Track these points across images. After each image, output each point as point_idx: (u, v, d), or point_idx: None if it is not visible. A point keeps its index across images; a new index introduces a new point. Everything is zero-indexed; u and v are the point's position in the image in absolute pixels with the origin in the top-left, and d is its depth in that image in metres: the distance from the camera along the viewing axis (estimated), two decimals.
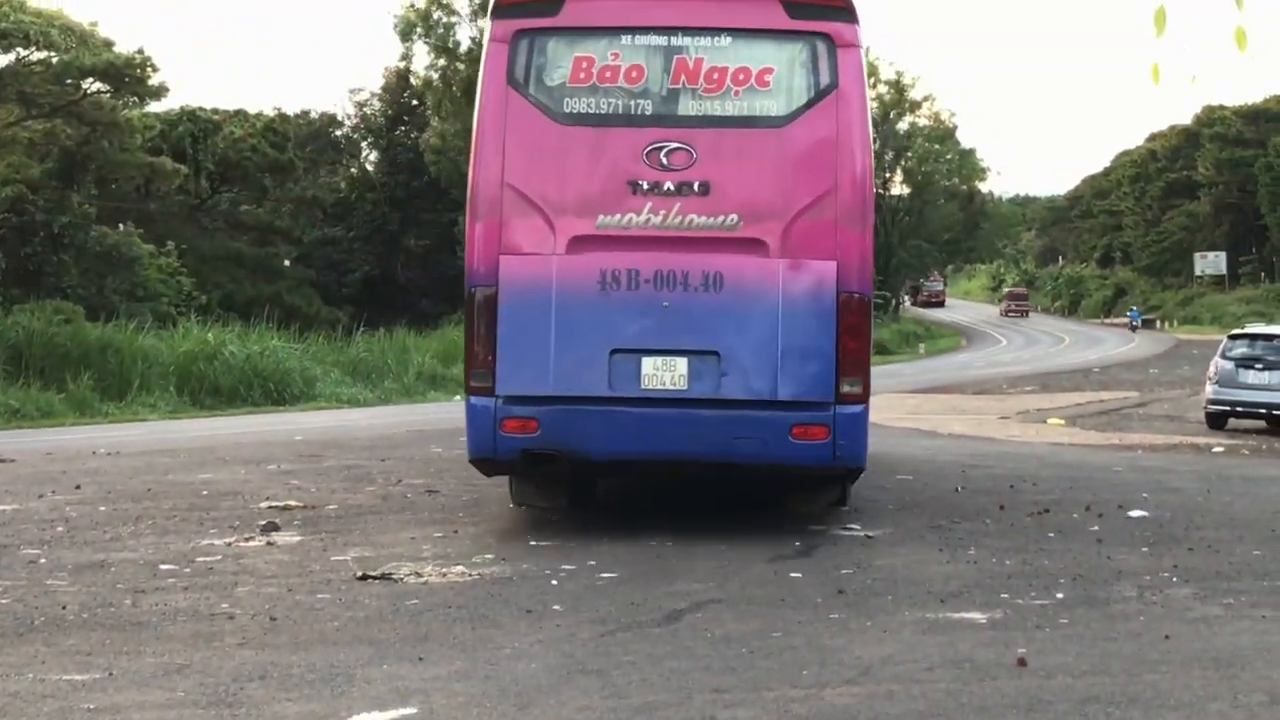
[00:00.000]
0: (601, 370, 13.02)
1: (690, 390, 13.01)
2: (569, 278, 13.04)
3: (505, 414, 13.10)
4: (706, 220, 13.01)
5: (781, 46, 13.27)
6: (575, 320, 13.00)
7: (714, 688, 8.03)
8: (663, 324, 12.98)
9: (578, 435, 13.05)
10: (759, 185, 13.08)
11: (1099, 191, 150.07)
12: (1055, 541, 13.32)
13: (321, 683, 8.17)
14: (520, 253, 13.10)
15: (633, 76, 13.22)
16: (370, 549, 12.78)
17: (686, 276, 13.00)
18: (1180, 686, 8.08)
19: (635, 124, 13.17)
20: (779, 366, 12.97)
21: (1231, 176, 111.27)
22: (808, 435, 12.92)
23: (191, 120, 60.84)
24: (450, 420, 29.36)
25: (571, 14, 13.31)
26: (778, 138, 13.15)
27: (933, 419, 30.54)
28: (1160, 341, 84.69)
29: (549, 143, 13.25)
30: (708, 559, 12.23)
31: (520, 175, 13.19)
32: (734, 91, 13.19)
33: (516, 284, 13.05)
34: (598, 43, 13.26)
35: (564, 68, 13.27)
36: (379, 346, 45.75)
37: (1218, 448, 24.44)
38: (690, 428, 12.98)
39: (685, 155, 13.05)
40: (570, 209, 13.11)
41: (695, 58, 13.18)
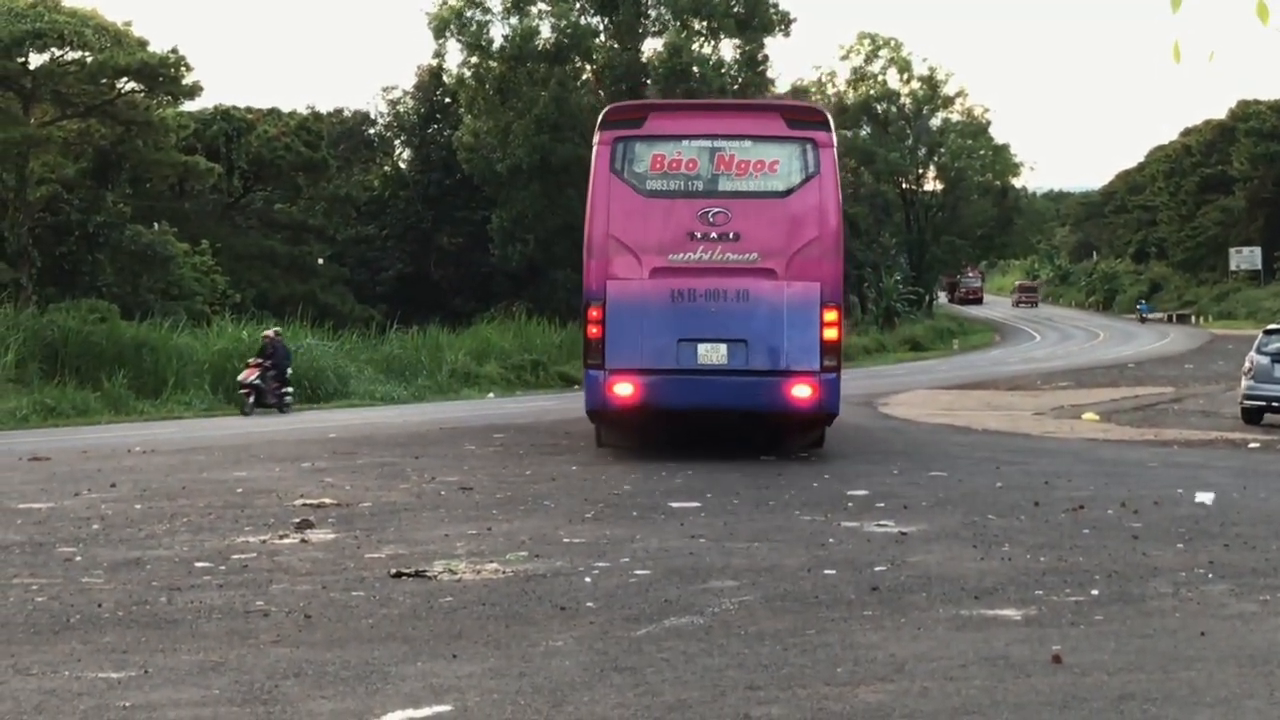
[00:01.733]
0: (672, 352, 20.28)
1: (729, 364, 20.28)
2: (651, 293, 20.23)
3: (614, 375, 20.23)
4: (737, 257, 20.27)
5: (784, 147, 20.56)
6: (655, 320, 20.22)
7: (747, 685, 8.02)
8: (711, 323, 20.22)
9: (659, 393, 20.28)
10: (771, 235, 20.27)
11: (1133, 186, 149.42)
12: (1090, 538, 13.27)
13: (356, 680, 8.18)
14: (620, 278, 20.31)
15: (690, 166, 20.52)
16: (404, 546, 12.80)
17: (725, 292, 20.23)
18: (1216, 683, 8.04)
19: (692, 196, 20.41)
20: (784, 349, 20.24)
21: (1267, 171, 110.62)
22: (802, 393, 20.28)
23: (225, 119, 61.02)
24: (483, 418, 29.40)
25: (650, 127, 20.66)
26: (782, 204, 20.40)
27: (967, 415, 30.46)
28: (1195, 337, 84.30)
29: (637, 208, 20.39)
30: (741, 556, 12.22)
31: (619, 229, 20.37)
32: (754, 175, 20.52)
33: (618, 297, 20.28)
34: (667, 145, 20.54)
35: (645, 161, 20.51)
36: (412, 344, 45.80)
37: (1254, 443, 24.30)
38: (729, 388, 20.24)
39: (724, 216, 20.31)
40: (651, 250, 20.32)
41: (729, 154, 20.53)
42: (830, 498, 16.28)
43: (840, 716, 7.43)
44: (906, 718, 7.41)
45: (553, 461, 20.47)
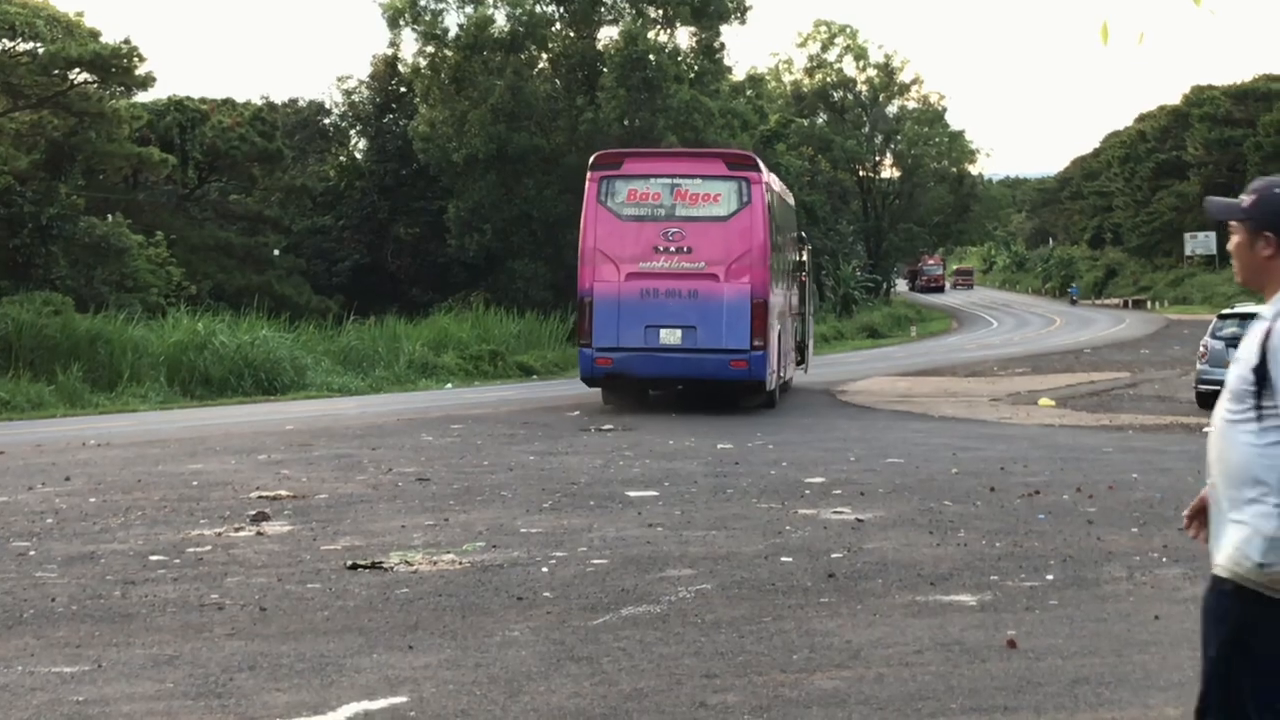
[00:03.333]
0: (641, 335, 26.43)
1: (683, 344, 26.37)
2: (626, 292, 26.43)
3: (597, 355, 26.63)
4: (690, 265, 26.42)
5: (725, 184, 26.78)
6: (628, 312, 26.35)
7: (704, 673, 8.04)
8: (670, 313, 26.38)
9: (631, 365, 26.62)
10: (714, 249, 26.40)
11: (1089, 173, 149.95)
12: (1045, 523, 13.34)
13: (311, 672, 8.16)
14: (603, 280, 26.60)
15: (655, 197, 26.75)
16: (360, 538, 12.78)
17: (680, 291, 26.38)
18: (1170, 667, 8.09)
19: (656, 220, 26.63)
20: (724, 332, 26.21)
21: (1221, 156, 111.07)
22: (738, 365, 26.31)
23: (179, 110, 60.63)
24: (441, 408, 29.34)
25: (626, 168, 27.07)
26: (723, 226, 26.53)
27: (924, 401, 30.53)
28: (1151, 322, 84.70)
29: (616, 229, 26.69)
30: (698, 545, 12.24)
31: (603, 244, 26.65)
32: (702, 204, 26.68)
33: (602, 294, 26.56)
34: (638, 182, 26.87)
35: (623, 193, 26.82)
36: (369, 335, 45.60)
37: (1208, 428, 24.37)
38: (683, 361, 26.52)
39: (680, 235, 26.43)
40: (626, 259, 26.52)
41: (684, 189, 26.72)
42: (787, 485, 16.31)
43: (796, 703, 7.45)
44: (862, 704, 7.43)
45: (510, 452, 20.45)
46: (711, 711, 7.33)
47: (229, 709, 7.47)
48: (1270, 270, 4.94)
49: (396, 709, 7.44)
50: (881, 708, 7.36)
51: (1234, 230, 4.96)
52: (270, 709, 7.46)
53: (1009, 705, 7.39)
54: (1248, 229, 4.92)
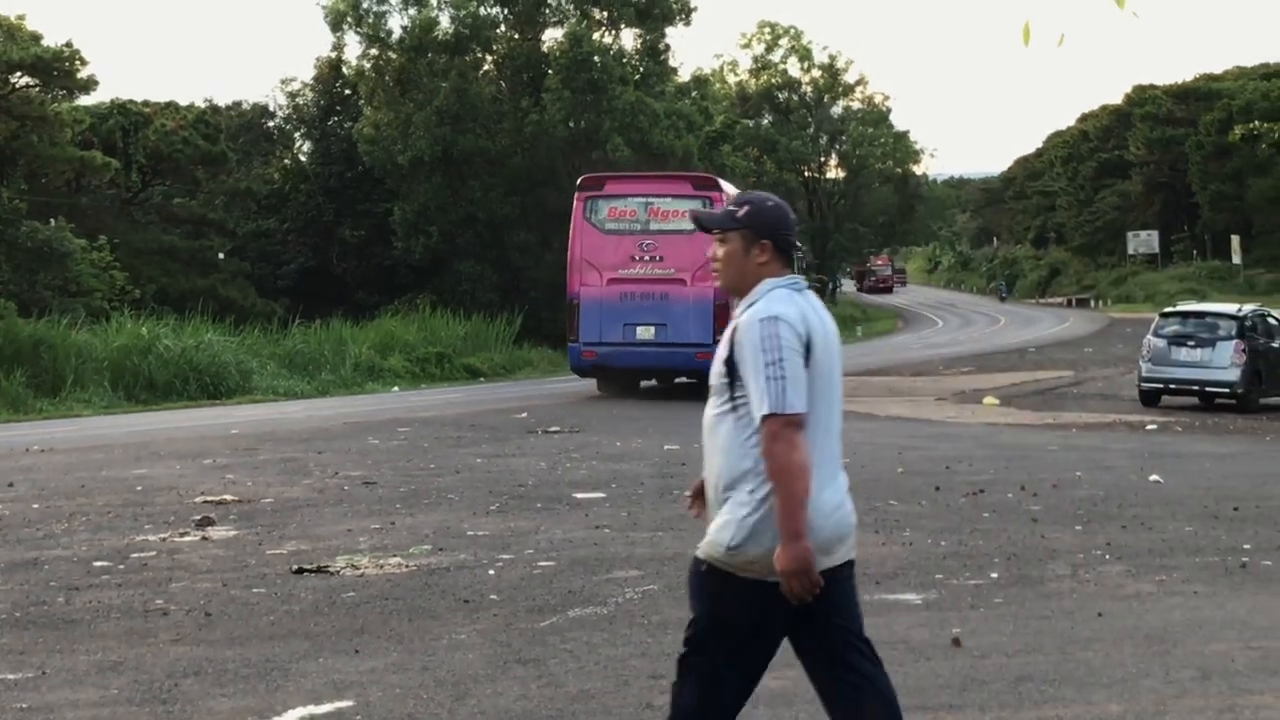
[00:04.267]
0: (620, 331, 30.05)
1: (655, 339, 30.04)
2: (607, 295, 30.00)
3: (584, 349, 30.32)
4: (661, 272, 29.93)
5: (691, 201, 29.41)
6: (609, 312, 29.97)
7: (650, 674, 8.05)
8: (644, 313, 30.01)
9: (612, 358, 30.30)
10: (683, 257, 29.33)
11: (1032, 172, 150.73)
12: (990, 521, 13.41)
13: (256, 677, 8.14)
14: (588, 285, 30.14)
15: (632, 214, 30.34)
16: (306, 542, 12.73)
17: (653, 294, 29.94)
18: (1113, 663, 8.15)
19: (633, 233, 30.13)
20: (690, 329, 29.59)
21: (1163, 155, 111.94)
22: (703, 356, 26.46)
23: (122, 113, 60.29)
24: (388, 411, 29.27)
25: (608, 189, 30.82)
26: (689, 239, 28.32)
27: (870, 401, 30.63)
28: (1094, 320, 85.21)
29: (599, 241, 30.19)
30: (645, 546, 12.25)
31: (588, 254, 30.20)
32: (671, 220, 29.75)
33: (587, 297, 30.11)
34: (617, 201, 30.50)
35: (604, 211, 30.40)
36: (315, 338, 45.41)
37: (1151, 425, 24.62)
38: (656, 354, 30.21)
39: (653, 246, 29.97)
40: (607, 267, 29.98)
41: (657, 206, 30.19)
42: None
43: None
44: (809, 703, 7.43)
45: (457, 454, 20.42)
46: (658, 713, 7.33)
47: (174, 715, 7.44)
48: (760, 274, 5.52)
49: (342, 713, 7.43)
50: None
51: (725, 239, 5.54)
52: (215, 714, 7.43)
53: (954, 703, 7.43)
54: (744, 237, 5.50)
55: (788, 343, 5.32)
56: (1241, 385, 27.73)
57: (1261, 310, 30.61)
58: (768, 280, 5.51)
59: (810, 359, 5.39)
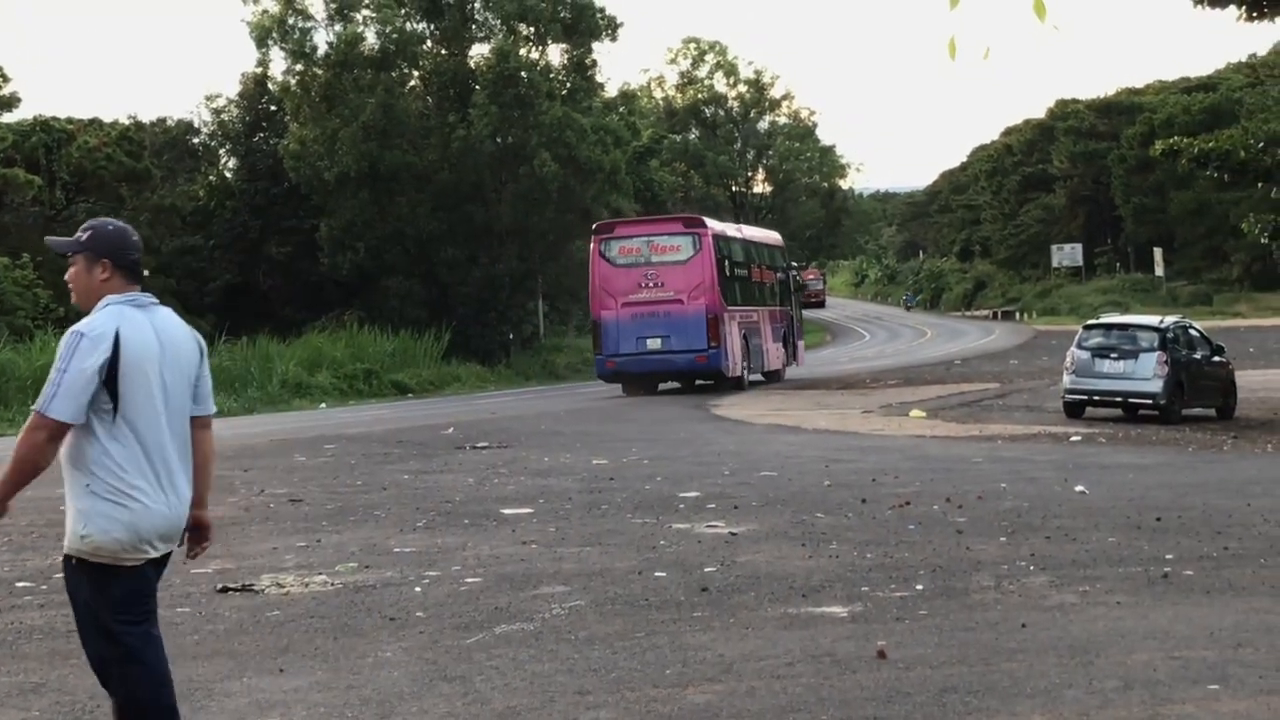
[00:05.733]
0: (633, 344, 37.59)
1: (662, 348, 37.54)
2: (622, 316, 37.62)
3: (607, 359, 38.09)
4: (664, 295, 37.46)
5: (683, 238, 38.07)
6: (624, 329, 37.61)
7: (577, 690, 8.05)
8: (652, 328, 37.53)
9: (628, 366, 38.07)
10: (679, 282, 37.46)
11: (957, 186, 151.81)
12: (916, 533, 13.47)
13: (180, 698, 8.01)
14: (607, 309, 37.87)
15: (637, 251, 38.10)
16: (231, 560, 12.66)
17: (658, 314, 37.48)
18: (1036, 674, 8.20)
19: (639, 266, 37.83)
20: (689, 339, 37.31)
21: (1086, 169, 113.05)
22: (700, 359, 37.53)
23: (44, 130, 59.77)
24: (315, 428, 29.14)
25: (617, 232, 39.05)
26: (684, 267, 37.56)
27: (797, 414, 30.72)
28: (1019, 333, 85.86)
29: (612, 273, 37.95)
30: (572, 561, 12.25)
31: (605, 284, 38.03)
32: (669, 253, 37.82)
33: (606, 319, 37.95)
34: (625, 241, 38.41)
35: (615, 249, 38.14)
36: (241, 355, 45.25)
37: (1075, 437, 24.78)
38: (664, 360, 37.92)
39: (656, 275, 37.62)
40: (620, 294, 37.65)
41: (657, 243, 38.10)
42: (661, 500, 16.37)
43: (668, 718, 7.48)
44: (734, 717, 7.47)
45: (385, 471, 20.36)
46: None
47: None
48: (102, 291, 6.11)
49: None
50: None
51: (73, 261, 6.18)
52: None
53: (879, 715, 7.46)
54: (87, 258, 6.17)
55: (80, 355, 5.87)
56: (1164, 396, 27.95)
57: (1183, 322, 30.90)
58: (108, 296, 6.10)
59: (118, 372, 5.92)
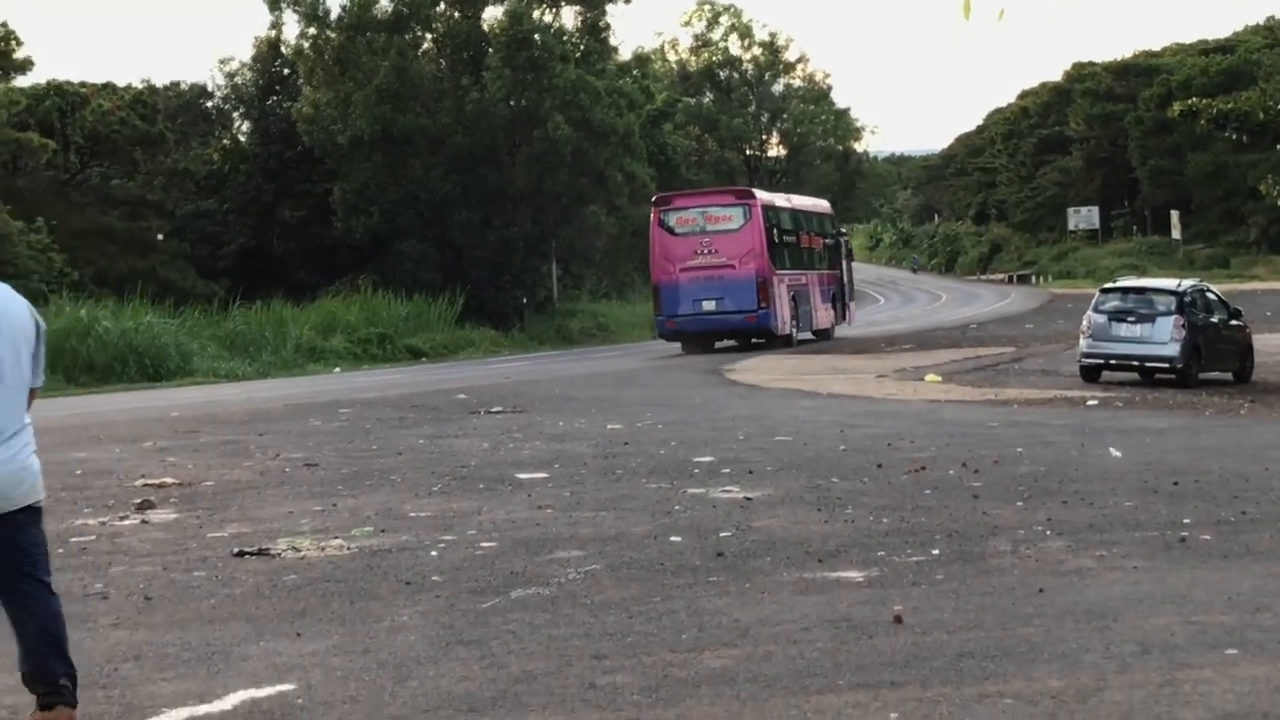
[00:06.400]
0: (691, 306, 41.83)
1: (717, 309, 41.64)
2: (680, 280, 41.82)
3: (665, 320, 42.50)
4: (718, 260, 41.57)
5: (734, 208, 42.48)
6: (683, 292, 41.82)
7: (593, 654, 8.04)
8: (707, 291, 41.55)
9: (685, 325, 42.19)
10: (731, 249, 41.61)
11: (973, 149, 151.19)
12: (932, 498, 13.45)
13: (197, 661, 8.09)
14: (667, 274, 42.09)
15: (693, 221, 42.35)
16: (247, 525, 12.68)
17: (712, 278, 41.44)
18: (1054, 639, 8.18)
19: (695, 235, 42.05)
20: (740, 300, 41.39)
21: (1103, 131, 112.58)
22: (753, 320, 41.90)
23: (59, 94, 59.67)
24: (329, 393, 29.16)
25: (674, 204, 43.39)
26: (735, 236, 41.76)
27: (811, 379, 30.68)
28: (1035, 296, 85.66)
29: (671, 241, 42.25)
30: (588, 526, 12.25)
31: (664, 252, 42.32)
32: (722, 222, 42.10)
33: (666, 283, 42.14)
34: (682, 212, 42.78)
35: (673, 220, 42.42)
36: (256, 319, 45.30)
37: (1092, 401, 24.73)
38: (718, 320, 41.92)
39: (710, 243, 41.78)
40: (678, 260, 41.94)
41: (711, 213, 42.48)
42: (676, 465, 16.36)
43: (685, 683, 7.47)
44: (750, 682, 7.46)
45: (399, 435, 20.37)
46: (600, 692, 7.34)
47: (113, 700, 7.39)
48: None
49: (284, 696, 7.39)
50: (769, 685, 7.39)
51: None
52: (156, 699, 7.38)
53: (895, 680, 7.44)
54: None
55: None
56: (1181, 360, 27.88)
57: (1200, 285, 30.79)
58: None
59: None
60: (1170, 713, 6.84)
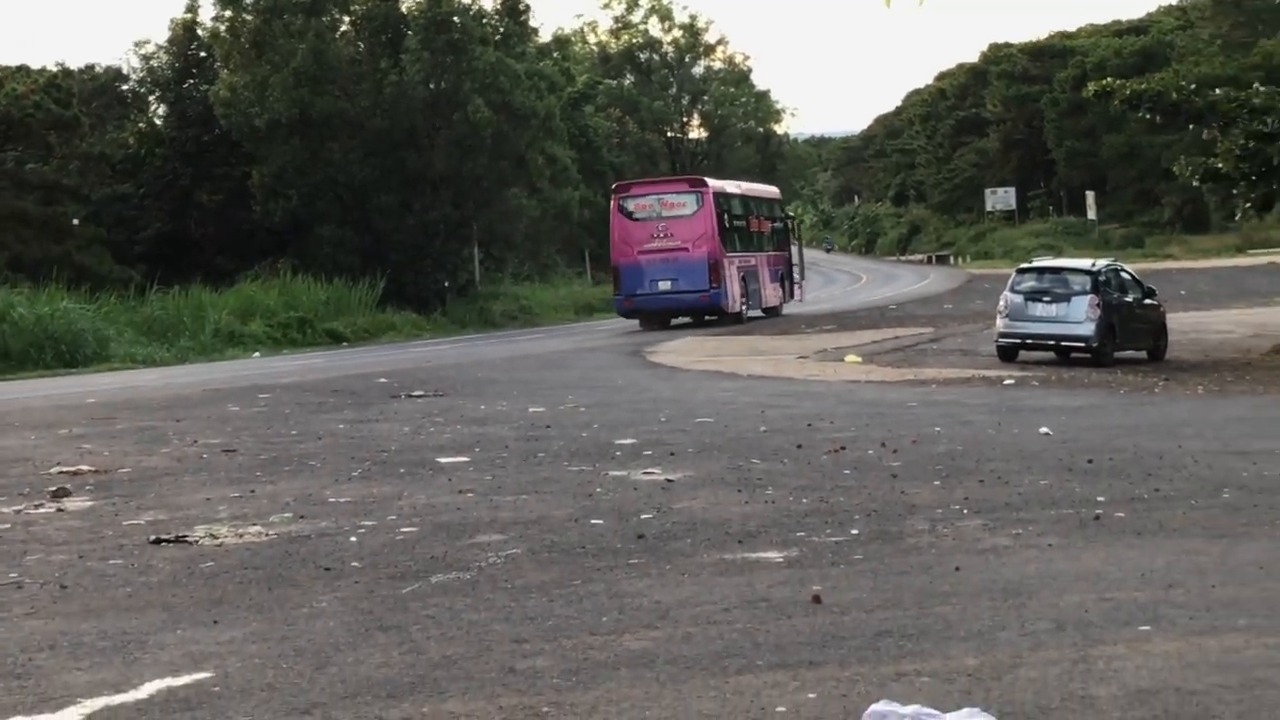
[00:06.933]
0: (648, 285, 44.60)
1: (672, 289, 44.47)
2: (639, 261, 44.50)
3: (625, 298, 45.42)
4: (673, 244, 44.42)
5: (688, 195, 45.69)
6: (641, 273, 44.59)
7: (513, 638, 8.04)
8: (663, 272, 44.34)
9: (642, 304, 45.14)
10: (685, 233, 44.53)
11: (892, 131, 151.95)
12: (851, 478, 13.52)
13: (114, 650, 8.03)
14: (626, 256, 44.93)
15: (650, 207, 45.26)
16: (165, 512, 12.59)
17: (667, 260, 44.26)
18: (970, 617, 8.25)
19: (652, 220, 44.92)
20: (693, 280, 44.15)
21: (1019, 113, 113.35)
22: (705, 299, 44.61)
23: None
24: (248, 378, 28.97)
25: (633, 191, 46.97)
26: (689, 220, 44.67)
27: (732, 361, 30.75)
28: (954, 277, 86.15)
29: (630, 226, 45.15)
30: (509, 510, 12.24)
31: (624, 236, 45.27)
32: (676, 208, 44.95)
33: (625, 265, 44.91)
34: (640, 199, 45.81)
35: (631, 206, 45.34)
36: (174, 305, 44.87)
37: (1008, 380, 24.91)
38: (673, 299, 44.85)
39: (666, 227, 44.66)
40: (636, 243, 44.73)
41: (666, 200, 45.54)
42: (598, 447, 16.37)
43: (605, 665, 7.48)
44: (670, 663, 7.49)
45: (319, 420, 20.27)
46: (520, 676, 7.34)
47: (28, 690, 7.32)
48: None
49: (201, 685, 7.35)
50: (689, 666, 7.42)
51: None
52: (71, 689, 7.32)
53: (814, 660, 7.49)
54: None
55: None
56: (1096, 339, 28.14)
57: (1115, 265, 31.08)
58: None
59: None
60: (1084, 689, 6.91)
